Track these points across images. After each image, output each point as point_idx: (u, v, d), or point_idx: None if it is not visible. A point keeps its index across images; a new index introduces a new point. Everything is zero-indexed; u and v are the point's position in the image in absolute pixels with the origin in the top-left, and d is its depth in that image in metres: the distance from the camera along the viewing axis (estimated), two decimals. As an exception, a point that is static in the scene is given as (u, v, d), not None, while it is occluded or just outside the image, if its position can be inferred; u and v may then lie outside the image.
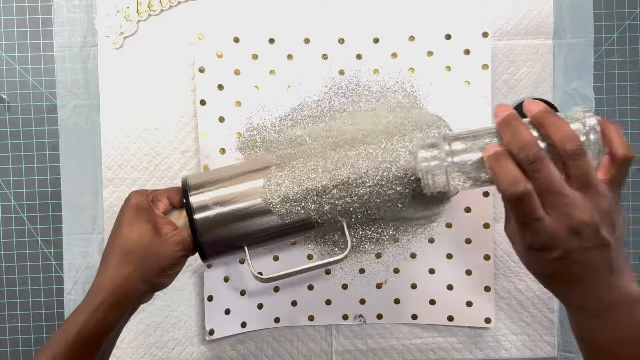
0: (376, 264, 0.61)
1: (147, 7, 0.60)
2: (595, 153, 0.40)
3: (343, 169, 0.49)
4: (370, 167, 0.49)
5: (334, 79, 0.61)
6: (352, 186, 0.49)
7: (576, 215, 0.37)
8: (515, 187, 0.37)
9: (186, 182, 0.50)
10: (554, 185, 0.37)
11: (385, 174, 0.49)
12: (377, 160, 0.49)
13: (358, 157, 0.49)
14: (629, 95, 0.64)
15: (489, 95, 0.60)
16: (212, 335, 0.60)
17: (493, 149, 0.39)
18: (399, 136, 0.50)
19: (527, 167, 0.38)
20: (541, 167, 0.37)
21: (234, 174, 0.51)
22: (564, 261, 0.38)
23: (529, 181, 0.37)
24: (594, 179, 0.38)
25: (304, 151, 0.52)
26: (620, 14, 0.64)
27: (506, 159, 0.38)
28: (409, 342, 0.62)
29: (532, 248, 0.39)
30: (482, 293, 0.61)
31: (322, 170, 0.49)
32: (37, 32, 0.62)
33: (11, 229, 0.63)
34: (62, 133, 0.61)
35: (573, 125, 0.40)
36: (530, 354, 0.62)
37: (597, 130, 0.40)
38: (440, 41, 0.60)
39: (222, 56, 0.60)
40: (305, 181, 0.49)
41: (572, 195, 0.37)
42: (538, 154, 0.38)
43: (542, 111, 0.40)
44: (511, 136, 0.39)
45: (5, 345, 0.63)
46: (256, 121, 0.60)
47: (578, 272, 0.39)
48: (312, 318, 0.61)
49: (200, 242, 0.48)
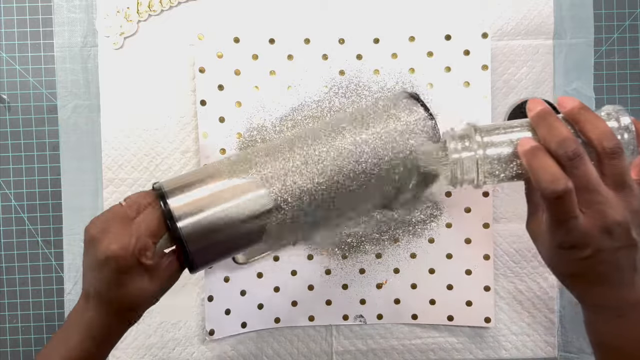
0: (376, 264, 0.61)
1: (147, 7, 0.60)
2: (629, 152, 0.39)
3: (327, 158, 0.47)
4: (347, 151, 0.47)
5: (334, 79, 0.61)
6: (345, 175, 0.47)
7: (610, 214, 0.37)
8: (556, 185, 0.36)
9: (162, 192, 0.45)
10: (592, 182, 0.37)
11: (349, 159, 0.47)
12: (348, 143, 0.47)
13: (335, 144, 0.47)
14: (629, 95, 0.64)
15: (488, 96, 0.60)
16: (212, 335, 0.60)
17: (529, 143, 0.38)
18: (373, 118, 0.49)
19: (566, 163, 0.37)
20: (580, 163, 0.37)
21: (212, 174, 0.46)
22: (592, 260, 0.38)
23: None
24: (628, 179, 0.37)
25: (285, 141, 0.49)
26: (620, 14, 0.64)
27: (544, 154, 0.37)
28: (409, 342, 0.62)
29: (562, 247, 0.39)
30: (481, 292, 0.61)
31: (309, 161, 0.47)
32: (37, 32, 0.62)
33: (11, 229, 0.63)
34: (62, 133, 0.61)
35: (607, 123, 0.39)
36: (530, 354, 0.62)
37: (631, 129, 0.39)
38: (440, 41, 0.60)
39: (222, 56, 0.60)
40: (293, 176, 0.46)
41: (606, 194, 0.37)
42: (577, 150, 0.37)
43: (577, 107, 0.39)
44: (547, 131, 0.38)
45: (5, 345, 0.63)
46: (256, 121, 0.60)
47: (603, 271, 0.39)
48: (312, 318, 0.61)
49: (189, 255, 0.44)
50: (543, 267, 0.44)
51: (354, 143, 0.47)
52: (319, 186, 0.46)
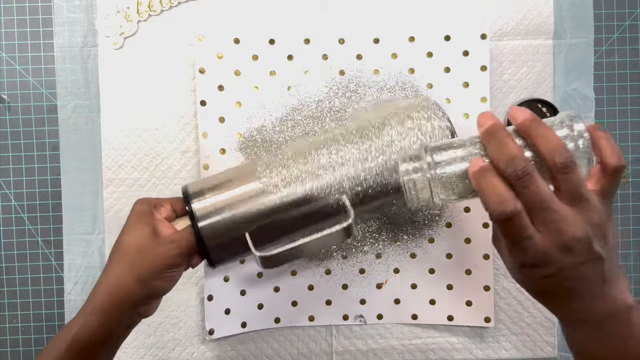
0: (376, 264, 0.61)
1: (147, 7, 0.60)
2: (584, 162, 0.38)
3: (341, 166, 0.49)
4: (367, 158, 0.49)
5: (334, 79, 0.61)
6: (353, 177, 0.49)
7: (567, 231, 0.36)
8: (504, 207, 0.35)
9: (187, 189, 0.50)
10: (544, 201, 0.36)
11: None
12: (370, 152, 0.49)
13: (351, 145, 0.49)
14: (629, 95, 0.64)
15: (487, 97, 0.60)
16: (212, 334, 0.60)
17: (478, 164, 0.37)
18: (394, 121, 0.50)
19: (515, 182, 0.36)
20: (529, 182, 0.35)
21: (232, 178, 0.51)
22: (556, 277, 0.37)
23: (517, 198, 0.36)
24: (584, 192, 0.36)
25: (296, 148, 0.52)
26: (620, 14, 0.64)
27: (492, 175, 0.36)
28: (409, 342, 0.62)
29: (523, 265, 0.38)
30: (481, 292, 0.61)
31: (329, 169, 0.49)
32: (37, 32, 0.62)
33: (11, 229, 0.63)
34: (62, 133, 0.61)
35: (560, 131, 0.38)
36: (530, 354, 0.62)
37: (585, 136, 0.38)
38: (440, 42, 0.60)
39: (222, 57, 0.60)
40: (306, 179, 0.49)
41: (562, 211, 0.36)
42: (526, 169, 0.35)
43: (528, 119, 0.38)
44: (496, 148, 0.37)
45: (5, 345, 0.63)
46: (256, 121, 0.60)
47: (571, 287, 0.38)
48: (312, 318, 0.61)
49: (206, 247, 0.48)
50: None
51: (377, 149, 0.49)
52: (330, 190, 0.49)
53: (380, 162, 0.48)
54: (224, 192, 0.49)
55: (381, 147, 0.49)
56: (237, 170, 0.52)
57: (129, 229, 0.47)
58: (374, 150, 0.49)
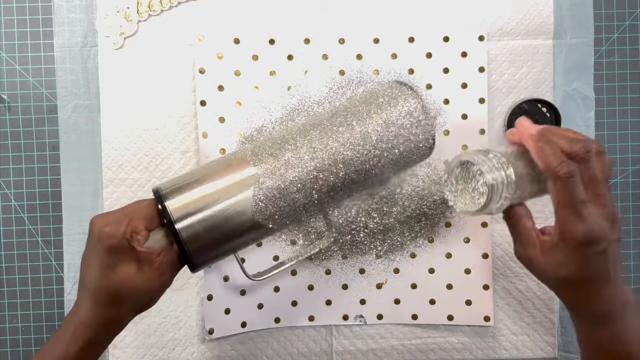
0: (376, 264, 0.61)
1: (147, 7, 0.60)
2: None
3: (323, 151, 0.48)
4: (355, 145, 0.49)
5: (334, 79, 0.61)
6: (337, 167, 0.48)
7: (612, 205, 0.40)
8: (567, 164, 0.39)
9: (159, 195, 0.45)
10: (595, 176, 0.40)
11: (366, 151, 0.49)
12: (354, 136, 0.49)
13: (334, 138, 0.49)
14: (629, 95, 0.64)
15: (485, 97, 0.60)
16: (212, 334, 0.60)
17: (532, 128, 0.43)
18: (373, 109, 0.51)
19: (583, 155, 0.40)
20: (588, 158, 0.40)
21: (209, 174, 0.47)
22: (604, 255, 0.40)
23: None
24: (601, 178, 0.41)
25: (282, 139, 0.50)
26: (620, 14, 0.64)
27: (554, 142, 0.41)
28: (409, 342, 0.62)
29: (582, 243, 0.39)
30: (481, 291, 0.61)
31: (307, 157, 0.48)
32: (37, 32, 0.62)
33: (11, 229, 0.63)
34: (62, 133, 0.61)
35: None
36: (530, 354, 0.62)
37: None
38: (439, 43, 0.61)
39: (222, 57, 0.60)
40: (289, 171, 0.48)
41: (606, 188, 0.40)
42: (587, 147, 0.40)
43: (541, 127, 0.43)
44: (557, 137, 0.41)
45: (5, 345, 0.63)
46: (256, 121, 0.60)
47: (612, 268, 0.40)
48: (312, 318, 0.61)
49: (189, 256, 0.45)
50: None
51: (361, 133, 0.49)
52: (316, 177, 0.48)
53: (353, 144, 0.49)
54: (205, 190, 0.46)
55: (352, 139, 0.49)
56: (208, 167, 0.49)
57: (107, 268, 0.42)
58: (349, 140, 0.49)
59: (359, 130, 0.49)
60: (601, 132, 0.64)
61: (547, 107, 0.60)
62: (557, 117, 0.60)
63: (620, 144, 0.64)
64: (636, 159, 0.64)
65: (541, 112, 0.60)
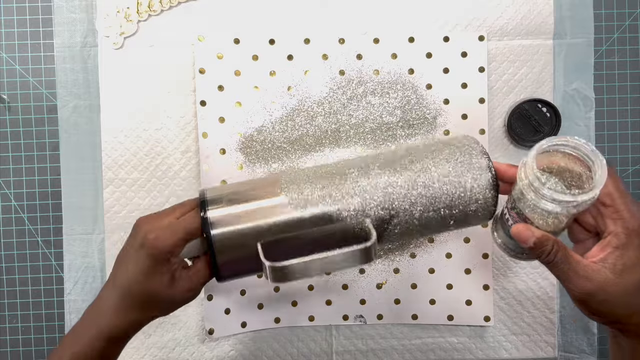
0: (376, 264, 0.61)
1: (147, 7, 0.60)
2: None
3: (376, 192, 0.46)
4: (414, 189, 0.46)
5: (334, 79, 0.61)
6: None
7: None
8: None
9: (205, 207, 0.46)
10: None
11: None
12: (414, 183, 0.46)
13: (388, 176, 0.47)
14: (629, 95, 0.64)
15: (485, 97, 0.60)
16: (212, 334, 0.60)
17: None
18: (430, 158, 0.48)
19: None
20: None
21: (249, 189, 0.47)
22: None
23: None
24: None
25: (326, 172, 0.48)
26: (620, 14, 0.64)
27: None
28: (409, 342, 0.62)
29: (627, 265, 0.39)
30: (481, 291, 0.61)
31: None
32: (37, 32, 0.62)
33: (11, 229, 0.63)
34: (62, 133, 0.61)
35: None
36: (530, 354, 0.62)
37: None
38: (439, 43, 0.61)
39: (222, 57, 0.60)
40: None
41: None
42: None
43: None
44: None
45: (5, 345, 0.63)
46: (256, 121, 0.60)
47: None
48: (312, 318, 0.61)
49: (221, 276, 0.45)
50: (542, 267, 0.43)
51: (409, 181, 0.46)
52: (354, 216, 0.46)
53: (416, 193, 0.46)
54: (243, 203, 0.46)
55: (415, 180, 0.46)
56: (254, 182, 0.49)
57: (144, 274, 0.43)
58: (408, 180, 0.46)
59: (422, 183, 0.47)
60: (601, 132, 0.64)
61: (547, 107, 0.60)
62: (557, 117, 0.60)
63: (620, 144, 0.64)
64: (636, 159, 0.64)
65: (541, 112, 0.60)
